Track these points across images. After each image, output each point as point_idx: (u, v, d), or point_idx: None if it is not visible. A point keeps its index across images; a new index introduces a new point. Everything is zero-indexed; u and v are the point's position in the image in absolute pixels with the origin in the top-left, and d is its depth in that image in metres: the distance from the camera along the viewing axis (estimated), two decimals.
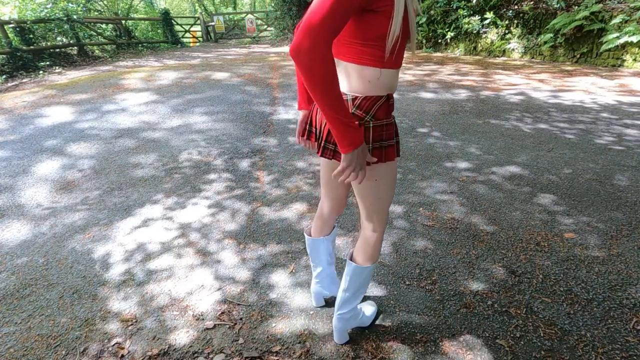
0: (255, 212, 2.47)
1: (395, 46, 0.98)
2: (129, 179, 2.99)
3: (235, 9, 25.93)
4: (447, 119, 4.25)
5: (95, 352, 1.49)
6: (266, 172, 3.04)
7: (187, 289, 1.81)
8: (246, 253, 2.07)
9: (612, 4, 6.80)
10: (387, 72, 1.04)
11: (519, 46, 8.24)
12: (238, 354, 1.46)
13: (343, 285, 1.37)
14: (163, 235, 2.25)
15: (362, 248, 1.31)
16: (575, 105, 4.59)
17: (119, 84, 5.68)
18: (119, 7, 17.41)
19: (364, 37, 0.98)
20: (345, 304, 1.39)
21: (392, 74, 1.05)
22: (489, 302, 1.68)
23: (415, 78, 6.35)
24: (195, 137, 3.81)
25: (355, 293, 1.37)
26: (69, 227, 2.37)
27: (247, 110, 4.61)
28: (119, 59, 10.66)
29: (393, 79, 1.07)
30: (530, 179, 2.79)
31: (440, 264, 1.93)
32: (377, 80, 1.03)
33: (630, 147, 3.30)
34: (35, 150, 3.56)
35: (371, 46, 0.99)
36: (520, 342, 1.47)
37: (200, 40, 17.27)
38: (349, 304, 1.39)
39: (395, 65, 1.05)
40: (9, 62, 8.46)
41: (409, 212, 2.41)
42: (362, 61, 1.02)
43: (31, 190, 2.87)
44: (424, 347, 1.47)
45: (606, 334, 1.50)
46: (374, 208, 1.23)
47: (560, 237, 2.11)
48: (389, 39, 0.96)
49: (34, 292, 1.83)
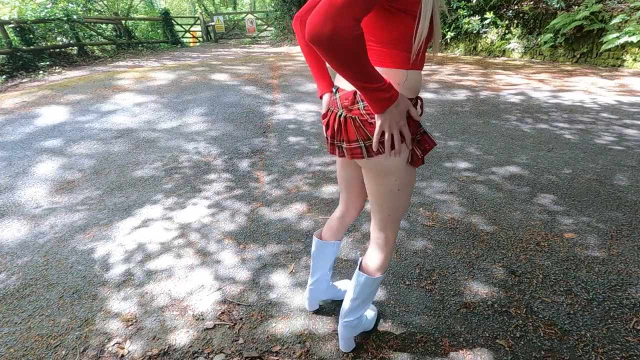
0: (255, 212, 2.47)
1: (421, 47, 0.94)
2: (128, 179, 2.99)
3: (235, 9, 25.94)
4: (447, 119, 4.25)
5: (95, 352, 1.49)
6: (266, 172, 3.04)
7: (187, 289, 1.81)
8: (246, 253, 2.07)
9: (612, 4, 6.80)
10: (413, 73, 0.98)
11: (519, 46, 8.24)
12: (238, 354, 1.46)
13: (352, 295, 1.32)
14: (163, 235, 2.25)
15: (373, 258, 1.26)
16: (575, 105, 4.59)
17: (118, 84, 5.68)
18: (119, 7, 17.41)
19: (386, 37, 0.93)
20: (352, 312, 1.36)
21: (419, 75, 1.01)
22: (489, 302, 1.68)
23: None
24: (195, 137, 3.82)
25: (364, 302, 1.33)
26: (69, 227, 2.37)
27: (247, 110, 4.61)
28: (119, 59, 10.66)
29: (420, 80, 1.02)
30: (530, 179, 2.79)
31: (440, 264, 1.93)
32: (404, 83, 0.98)
33: (630, 147, 3.30)
34: (35, 150, 3.56)
35: (393, 47, 0.94)
36: (520, 342, 1.47)
37: (200, 41, 17.27)
38: (356, 312, 1.36)
39: (420, 66, 1.01)
40: (9, 62, 8.46)
41: (409, 212, 2.41)
42: (385, 63, 0.96)
43: (31, 190, 2.87)
44: (424, 347, 1.47)
45: (606, 334, 1.50)
46: (391, 218, 1.17)
47: (560, 237, 2.11)
48: (415, 41, 0.91)
49: (34, 292, 1.83)
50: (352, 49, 0.78)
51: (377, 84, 0.87)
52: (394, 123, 0.95)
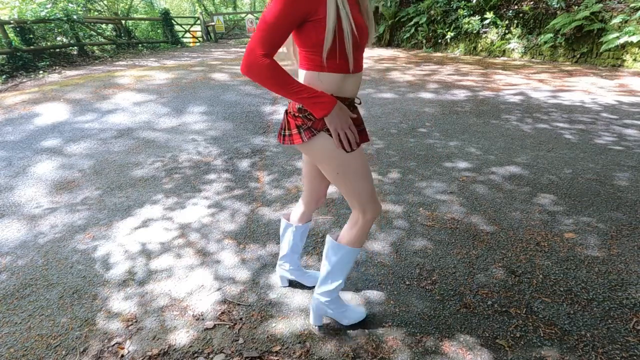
0: (255, 212, 2.47)
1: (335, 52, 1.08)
2: (128, 179, 2.99)
3: (235, 9, 25.93)
4: (447, 119, 4.25)
5: (95, 352, 1.49)
6: (266, 172, 3.04)
7: (187, 289, 1.81)
8: (246, 253, 2.07)
9: (612, 4, 6.80)
10: (327, 75, 1.13)
11: (519, 46, 8.24)
12: (238, 354, 1.46)
13: (323, 261, 1.44)
14: (163, 235, 2.25)
15: (345, 232, 1.39)
16: (575, 105, 4.59)
17: (118, 84, 5.68)
18: (119, 7, 17.40)
19: (307, 44, 1.10)
20: (323, 283, 1.45)
21: (334, 77, 1.14)
22: (489, 302, 1.68)
23: (415, 78, 6.35)
24: (195, 137, 3.82)
25: (332, 273, 1.42)
26: (69, 227, 2.37)
27: (247, 110, 4.61)
28: (119, 59, 10.65)
29: (339, 82, 1.15)
30: (530, 179, 2.79)
31: (440, 264, 1.93)
32: (319, 83, 1.14)
33: (630, 147, 3.30)
34: (35, 150, 3.56)
35: (312, 53, 1.11)
36: (520, 342, 1.47)
37: (200, 41, 17.26)
38: (325, 284, 1.44)
39: (340, 69, 1.13)
40: (9, 62, 8.45)
41: (408, 212, 2.41)
42: (306, 66, 1.16)
43: (31, 190, 2.87)
44: (424, 347, 1.47)
45: (606, 334, 1.50)
46: (354, 202, 1.30)
47: (560, 237, 2.11)
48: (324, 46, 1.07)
49: (34, 292, 1.83)
50: (267, 76, 1.06)
51: (306, 94, 1.10)
52: (339, 124, 1.14)
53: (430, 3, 9.96)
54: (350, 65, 1.13)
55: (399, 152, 3.36)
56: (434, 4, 9.83)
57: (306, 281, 1.78)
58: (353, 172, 1.23)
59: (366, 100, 5.04)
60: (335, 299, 1.49)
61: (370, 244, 2.11)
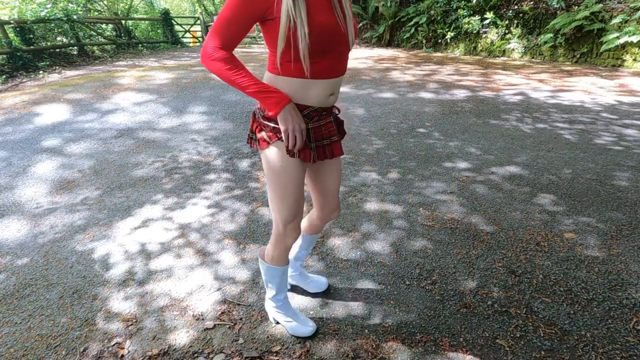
0: (255, 212, 2.47)
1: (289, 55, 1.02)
2: (128, 179, 2.99)
3: None
4: (447, 119, 4.25)
5: (95, 352, 1.49)
6: None
7: (187, 289, 1.81)
8: (246, 253, 2.07)
9: (612, 4, 6.80)
10: (283, 80, 1.09)
11: (519, 46, 8.24)
12: (238, 354, 1.46)
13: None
14: (163, 235, 2.25)
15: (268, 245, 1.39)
16: (575, 105, 4.59)
17: (118, 83, 5.68)
18: (119, 7, 17.39)
19: (267, 43, 1.07)
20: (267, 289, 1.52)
21: (290, 82, 1.08)
22: (489, 302, 1.68)
23: (415, 78, 6.35)
24: (195, 137, 3.82)
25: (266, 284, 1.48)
26: (69, 227, 2.37)
27: (247, 110, 4.61)
28: (119, 59, 10.65)
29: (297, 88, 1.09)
30: (530, 179, 2.79)
31: (440, 264, 1.93)
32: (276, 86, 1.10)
33: (629, 147, 3.30)
34: (35, 150, 3.56)
35: (272, 53, 1.07)
36: (520, 342, 1.47)
37: (200, 41, 17.26)
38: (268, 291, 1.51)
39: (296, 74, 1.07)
40: (9, 62, 8.45)
41: (408, 212, 2.41)
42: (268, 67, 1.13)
43: (31, 190, 2.87)
44: (424, 347, 1.47)
45: (606, 334, 1.50)
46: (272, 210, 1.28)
47: (560, 237, 2.11)
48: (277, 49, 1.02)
49: (34, 292, 1.83)
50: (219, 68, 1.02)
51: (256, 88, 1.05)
52: (290, 124, 1.08)
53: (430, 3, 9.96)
54: (306, 71, 1.04)
55: (399, 152, 3.36)
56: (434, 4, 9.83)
57: (309, 287, 1.75)
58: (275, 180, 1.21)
59: (366, 100, 5.05)
60: (282, 307, 1.51)
61: (370, 244, 2.11)
